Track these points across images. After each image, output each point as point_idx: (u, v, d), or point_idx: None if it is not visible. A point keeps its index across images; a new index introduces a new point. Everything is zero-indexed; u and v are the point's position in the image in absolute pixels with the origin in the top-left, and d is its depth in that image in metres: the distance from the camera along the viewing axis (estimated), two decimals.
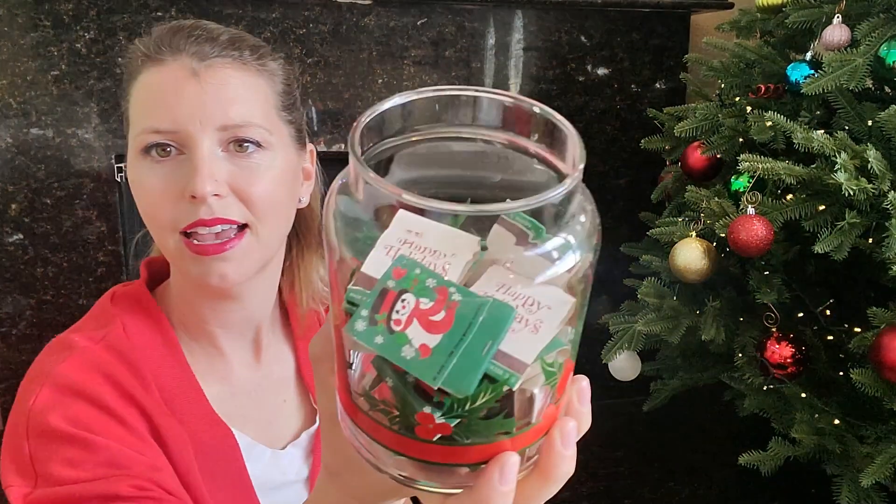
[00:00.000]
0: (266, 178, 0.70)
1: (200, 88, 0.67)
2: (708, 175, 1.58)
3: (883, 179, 1.15)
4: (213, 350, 0.79)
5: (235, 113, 0.68)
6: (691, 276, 1.41)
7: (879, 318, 1.19)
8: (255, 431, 0.79)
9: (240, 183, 0.68)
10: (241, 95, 0.69)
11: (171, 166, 0.68)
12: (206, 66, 0.68)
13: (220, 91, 0.68)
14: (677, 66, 2.12)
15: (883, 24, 1.29)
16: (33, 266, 1.85)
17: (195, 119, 0.67)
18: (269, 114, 0.71)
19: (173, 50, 0.68)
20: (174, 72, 0.68)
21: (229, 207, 0.68)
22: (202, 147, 0.67)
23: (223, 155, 0.68)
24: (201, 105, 0.67)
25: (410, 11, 1.94)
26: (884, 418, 1.27)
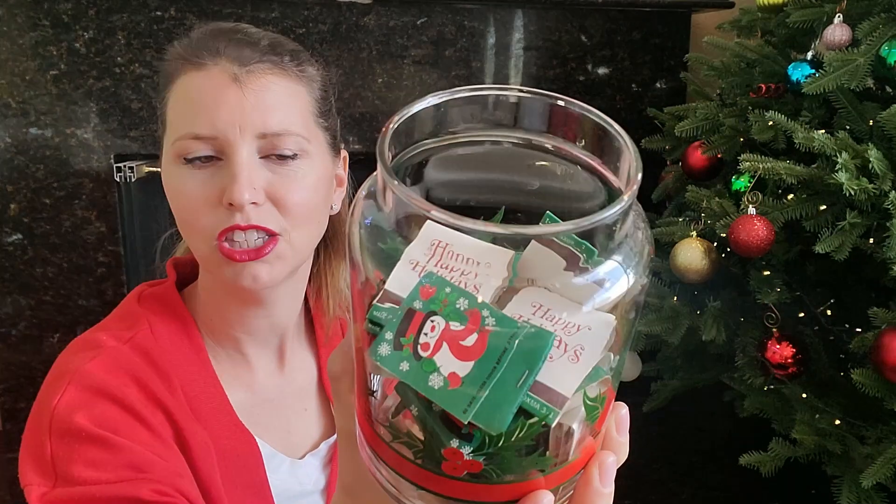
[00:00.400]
0: (302, 186, 0.69)
1: (241, 94, 0.66)
2: (708, 175, 1.58)
3: (884, 179, 1.14)
4: (238, 355, 0.78)
5: (275, 121, 0.68)
6: (692, 276, 1.41)
7: (880, 318, 1.18)
8: (274, 440, 0.79)
9: (277, 191, 0.68)
10: (281, 102, 0.68)
11: (210, 172, 0.68)
12: (247, 71, 0.67)
13: (261, 98, 0.67)
14: (678, 65, 2.12)
15: (884, 24, 1.29)
16: (33, 266, 1.85)
17: (235, 126, 0.66)
18: (307, 121, 0.71)
19: (213, 54, 0.68)
20: (214, 77, 0.67)
21: (265, 215, 0.68)
22: (241, 154, 0.66)
23: (262, 162, 0.68)
24: (241, 111, 0.66)
25: (410, 11, 1.94)
26: (884, 419, 1.27)
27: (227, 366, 0.78)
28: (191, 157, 0.67)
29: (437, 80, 1.99)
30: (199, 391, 0.73)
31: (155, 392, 0.69)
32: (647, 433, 2.06)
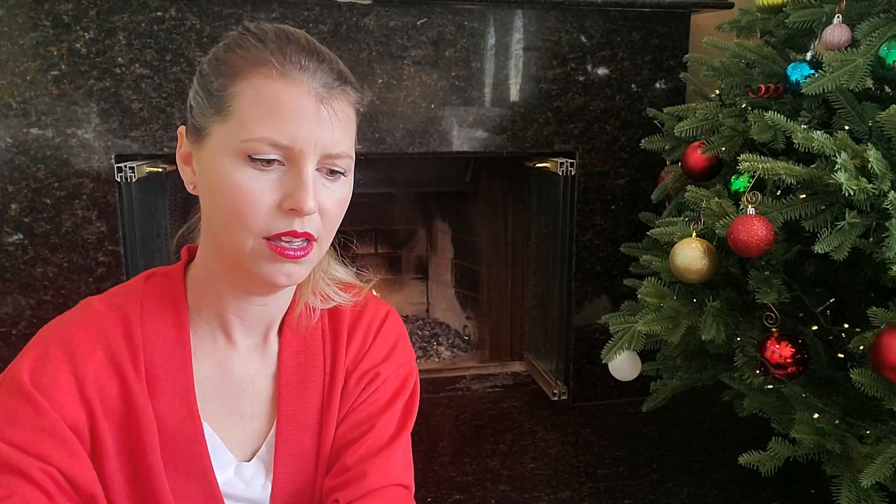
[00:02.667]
0: (340, 200, 0.77)
1: (324, 115, 0.72)
2: (708, 175, 1.58)
3: (883, 179, 1.14)
4: (222, 336, 0.82)
5: (339, 145, 0.74)
6: (691, 276, 1.41)
7: (879, 318, 1.19)
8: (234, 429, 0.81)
9: (325, 203, 0.74)
10: (345, 127, 0.75)
11: (274, 176, 0.71)
12: (331, 95, 0.73)
13: (335, 122, 0.73)
14: (677, 65, 2.12)
15: (883, 24, 1.29)
16: (33, 266, 1.85)
17: (311, 142, 0.71)
18: (353, 145, 0.78)
19: (302, 70, 0.72)
20: (304, 93, 0.71)
21: (313, 223, 0.74)
22: (309, 167, 0.72)
23: (317, 175, 0.74)
24: (320, 130, 0.72)
25: (410, 11, 1.94)
26: (884, 418, 1.27)
27: (208, 343, 0.81)
28: (259, 157, 0.71)
29: (437, 81, 1.99)
30: (165, 372, 0.77)
31: (119, 363, 0.75)
32: (647, 432, 2.07)
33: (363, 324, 0.87)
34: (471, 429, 2.09)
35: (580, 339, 2.24)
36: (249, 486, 0.81)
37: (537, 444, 2.01)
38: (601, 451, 1.97)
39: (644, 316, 1.51)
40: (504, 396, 2.32)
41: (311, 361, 0.84)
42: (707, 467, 1.87)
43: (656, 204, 1.91)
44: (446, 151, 2.05)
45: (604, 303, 2.23)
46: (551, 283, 2.31)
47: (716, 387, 1.85)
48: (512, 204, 2.48)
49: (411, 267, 2.91)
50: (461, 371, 2.46)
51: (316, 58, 0.73)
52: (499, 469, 1.87)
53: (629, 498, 1.73)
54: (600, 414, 2.20)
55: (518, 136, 2.08)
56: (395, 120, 1.99)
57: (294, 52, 0.72)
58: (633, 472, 1.85)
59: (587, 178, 2.15)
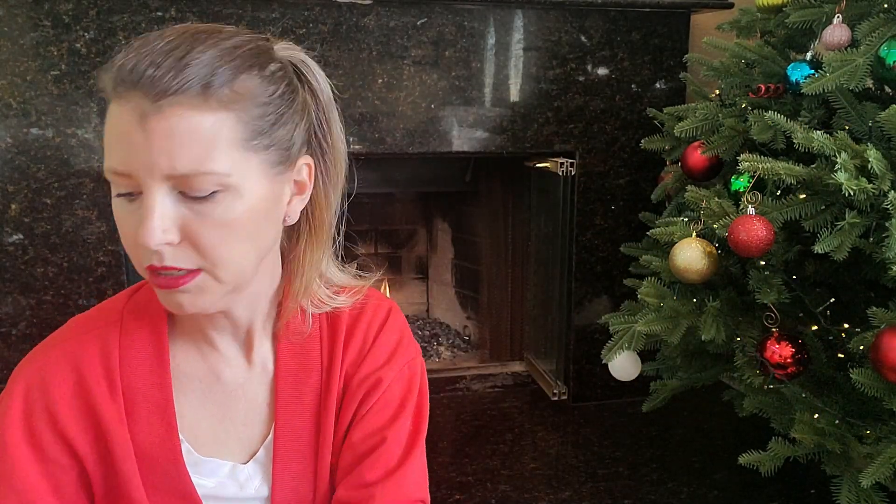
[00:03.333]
0: (221, 224, 0.65)
1: (146, 136, 0.62)
2: (708, 175, 1.58)
3: (883, 179, 1.14)
4: (208, 347, 0.80)
5: (183, 164, 0.62)
6: (691, 276, 1.41)
7: (879, 318, 1.19)
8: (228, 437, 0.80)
9: (192, 230, 0.65)
10: (193, 141, 0.62)
11: (132, 208, 0.65)
12: (157, 108, 0.61)
13: (167, 140, 0.62)
14: (677, 65, 2.12)
15: (883, 24, 1.29)
16: (33, 266, 1.85)
17: (145, 167, 0.62)
18: (230, 153, 0.64)
19: (129, 85, 0.62)
20: (126, 113, 0.62)
21: (181, 255, 0.66)
22: (152, 196, 0.63)
23: (178, 198, 0.64)
24: (147, 153, 0.62)
25: (410, 11, 1.94)
26: (883, 418, 1.27)
27: (195, 353, 0.80)
28: (116, 191, 0.66)
29: (438, 81, 1.99)
30: (143, 393, 0.76)
31: (90, 389, 0.75)
32: (647, 432, 2.07)
33: (362, 325, 0.83)
34: (471, 429, 2.09)
35: (580, 339, 2.24)
36: (244, 488, 0.80)
37: (537, 444, 2.01)
38: (601, 451, 1.97)
39: (644, 316, 1.51)
40: (504, 396, 2.32)
41: (308, 365, 0.82)
42: (707, 467, 1.87)
43: (656, 204, 1.91)
44: (446, 151, 2.05)
45: (604, 303, 2.23)
46: (551, 283, 2.31)
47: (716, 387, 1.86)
48: (512, 204, 2.48)
49: (411, 267, 2.91)
50: (461, 371, 2.46)
51: (155, 62, 0.62)
52: (499, 469, 1.87)
53: (629, 498, 1.73)
54: (600, 414, 2.20)
55: (518, 136, 2.08)
56: (395, 120, 1.99)
57: (127, 63, 0.63)
58: (634, 472, 1.85)
59: (587, 178, 2.15)
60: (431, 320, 2.90)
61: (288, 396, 0.81)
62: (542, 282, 2.39)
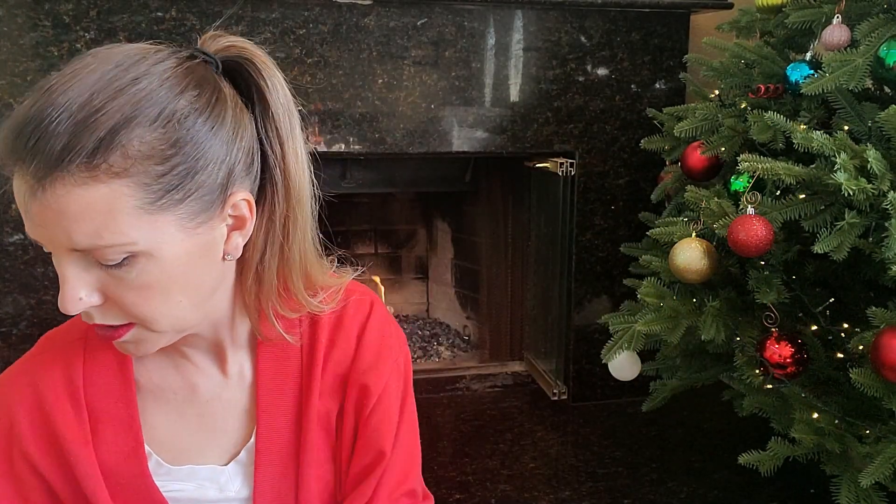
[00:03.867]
0: (140, 287, 0.62)
1: (41, 211, 0.58)
2: (708, 175, 1.58)
3: (882, 179, 1.15)
4: (182, 359, 0.80)
5: (80, 238, 0.59)
6: (691, 276, 1.41)
7: (879, 317, 1.19)
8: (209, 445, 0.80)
9: (112, 293, 0.63)
10: (84, 216, 0.58)
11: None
12: (43, 186, 0.57)
13: (62, 218, 0.58)
14: (677, 66, 2.12)
15: (883, 25, 1.29)
16: (33, 266, 1.85)
17: (45, 240, 0.61)
18: (131, 221, 0.59)
19: (13, 157, 0.58)
20: (18, 185, 0.59)
21: (108, 313, 0.64)
22: (63, 266, 0.61)
23: (92, 262, 0.62)
24: (46, 229, 0.59)
25: (410, 11, 1.94)
26: (883, 418, 1.27)
27: (170, 366, 0.79)
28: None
29: (438, 81, 1.99)
30: (108, 410, 0.76)
31: (51, 408, 0.74)
32: (647, 432, 2.07)
33: (345, 324, 0.81)
34: (471, 428, 2.09)
35: (580, 338, 2.24)
36: (224, 489, 0.80)
37: (537, 443, 2.01)
38: (601, 450, 1.97)
39: (644, 316, 1.51)
40: (504, 396, 2.32)
41: (287, 368, 0.81)
42: (707, 467, 1.87)
43: (656, 204, 1.91)
44: (446, 151, 2.05)
45: (603, 303, 2.24)
46: (551, 283, 2.31)
47: (715, 386, 1.86)
48: (512, 204, 2.48)
49: (411, 267, 2.91)
50: (461, 371, 2.46)
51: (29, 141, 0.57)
52: (499, 469, 1.87)
53: (629, 497, 1.73)
54: (600, 414, 2.20)
55: (518, 136, 2.08)
56: (395, 120, 1.99)
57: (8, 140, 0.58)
58: (633, 471, 1.86)
59: (587, 178, 2.15)
60: (431, 320, 2.90)
61: (268, 400, 0.81)
62: (542, 282, 2.39)
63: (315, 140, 1.95)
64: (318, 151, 1.96)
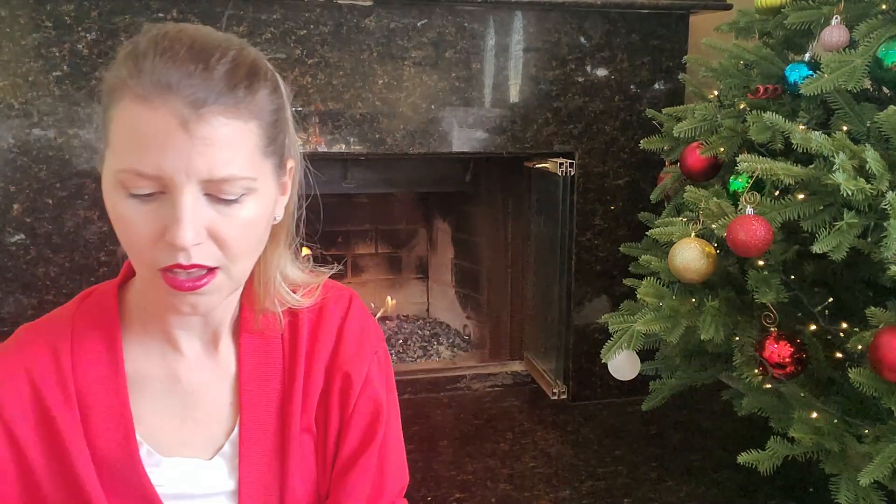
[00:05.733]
0: (245, 224, 0.69)
1: (189, 142, 0.63)
2: (707, 175, 1.59)
3: (881, 180, 1.15)
4: (168, 346, 0.80)
5: (221, 169, 0.64)
6: (690, 276, 1.41)
7: (878, 317, 1.19)
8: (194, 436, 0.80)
9: (219, 230, 0.67)
10: (229, 148, 0.65)
11: (154, 207, 0.66)
12: (198, 116, 0.63)
13: (209, 146, 0.63)
14: (676, 66, 2.13)
15: (881, 25, 1.30)
16: (35, 266, 1.86)
17: (180, 171, 0.63)
18: (253, 160, 0.68)
19: (163, 90, 0.62)
20: (163, 116, 0.62)
21: (205, 253, 0.67)
22: (185, 198, 0.64)
23: (205, 200, 0.66)
24: (188, 158, 0.63)
25: (411, 12, 1.95)
26: (882, 417, 1.28)
27: (155, 356, 0.80)
28: (134, 192, 0.65)
29: (438, 82, 2.00)
30: (98, 399, 0.76)
31: (43, 395, 0.75)
32: (646, 432, 2.07)
33: (326, 319, 0.84)
34: (471, 428, 2.10)
35: (580, 338, 2.25)
36: (209, 483, 0.80)
37: (537, 443, 2.01)
38: (601, 450, 1.97)
39: (643, 315, 1.51)
40: (504, 396, 2.32)
41: (269, 362, 0.82)
42: (706, 466, 1.88)
43: (655, 204, 1.92)
44: (446, 152, 2.05)
45: (603, 302, 2.24)
46: (551, 282, 2.31)
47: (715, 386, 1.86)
48: (512, 204, 2.48)
49: (411, 267, 2.91)
50: (461, 370, 2.46)
51: (182, 70, 0.63)
52: (499, 468, 1.87)
53: (629, 497, 1.74)
54: (600, 413, 2.20)
55: (518, 136, 2.09)
56: (395, 120, 2.00)
57: (152, 69, 0.63)
58: (633, 470, 1.86)
59: (586, 178, 2.16)
60: (431, 320, 2.90)
61: (251, 392, 0.81)
62: (542, 281, 2.39)
63: (316, 140, 1.96)
64: (318, 152, 1.96)
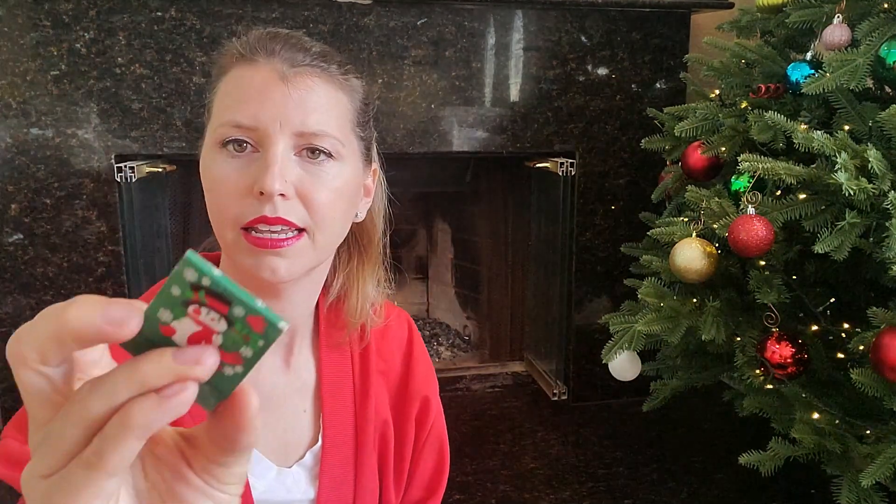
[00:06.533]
0: (331, 187, 0.72)
1: (287, 92, 0.69)
2: (708, 175, 1.58)
3: (883, 179, 1.14)
4: None
5: (314, 121, 0.70)
6: (691, 276, 1.41)
7: (879, 317, 1.19)
8: (268, 441, 0.81)
9: (306, 187, 0.70)
10: (322, 105, 0.71)
11: (245, 161, 0.69)
12: (295, 72, 0.70)
13: (304, 98, 0.70)
14: (677, 65, 2.12)
15: (883, 24, 1.29)
16: (33, 266, 1.85)
17: (276, 120, 0.68)
18: (344, 127, 0.73)
19: (267, 53, 0.70)
20: (264, 72, 0.69)
21: (292, 209, 0.69)
22: (277, 147, 0.68)
23: (295, 159, 0.70)
24: (284, 108, 0.69)
25: (410, 11, 1.94)
26: (884, 418, 1.27)
27: None
28: (227, 140, 0.69)
29: (438, 81, 1.99)
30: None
31: None
32: (647, 432, 2.07)
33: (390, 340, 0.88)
34: (471, 429, 2.09)
35: (580, 339, 2.24)
36: (290, 491, 0.81)
37: (537, 444, 2.01)
38: (601, 451, 1.97)
39: (644, 316, 1.51)
40: (504, 396, 2.32)
41: (344, 378, 0.85)
42: (707, 467, 1.87)
43: (656, 204, 1.91)
44: (446, 151, 2.05)
45: (604, 303, 2.23)
46: (551, 282, 2.31)
47: (716, 387, 1.85)
48: (512, 204, 2.48)
49: (411, 267, 2.91)
50: (461, 371, 2.46)
51: (284, 41, 0.72)
52: (499, 469, 1.87)
53: (629, 498, 1.73)
54: (600, 414, 2.20)
55: (518, 136, 2.08)
56: (395, 120, 1.99)
57: (264, 40, 0.71)
58: (634, 472, 1.85)
59: (587, 178, 2.15)
60: (431, 320, 2.90)
61: (333, 406, 0.83)
62: (542, 282, 2.39)
63: None
64: None
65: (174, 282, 0.32)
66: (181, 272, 0.32)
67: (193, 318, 0.32)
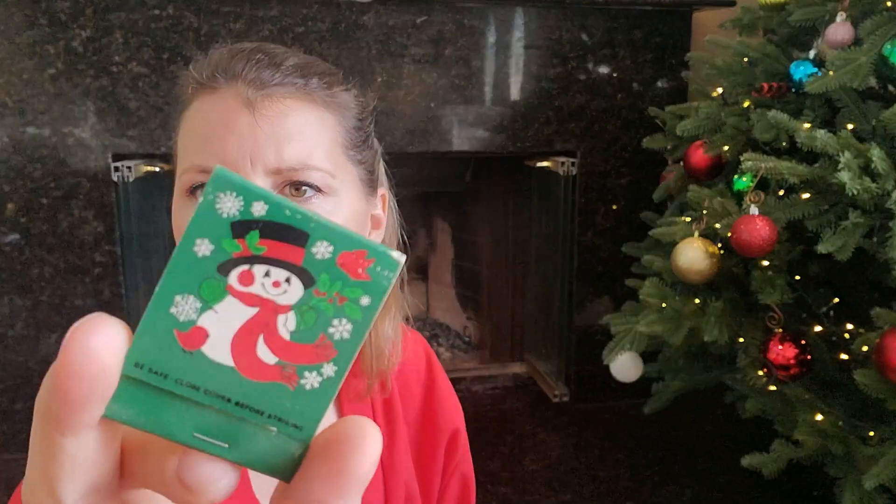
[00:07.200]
0: None
1: (253, 122, 0.58)
2: (710, 174, 1.57)
3: (887, 179, 1.13)
4: None
5: (291, 153, 0.59)
6: (693, 276, 1.40)
7: (883, 318, 1.18)
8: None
9: None
10: (301, 132, 0.60)
11: None
12: (263, 95, 0.59)
13: (276, 126, 0.59)
14: (679, 64, 2.11)
15: (887, 23, 1.28)
16: (30, 266, 1.84)
17: (245, 157, 0.58)
18: (334, 153, 0.62)
19: (228, 76, 0.60)
20: (226, 101, 0.59)
21: None
22: None
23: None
24: (253, 142, 0.58)
25: (410, 9, 1.93)
26: (887, 420, 1.26)
27: None
28: (195, 186, 0.60)
29: (437, 79, 1.98)
30: None
31: None
32: (649, 434, 2.05)
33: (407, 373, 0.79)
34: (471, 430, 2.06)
35: (581, 340, 2.23)
36: None
37: (538, 445, 2.00)
38: (603, 453, 1.96)
39: (646, 317, 1.50)
40: (505, 398, 2.31)
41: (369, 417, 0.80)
42: (709, 469, 1.86)
43: (658, 203, 1.90)
44: (446, 151, 2.04)
45: (605, 303, 2.22)
46: (552, 283, 2.30)
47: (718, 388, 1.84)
48: (512, 204, 2.47)
49: (411, 267, 2.90)
50: (462, 372, 2.44)
51: (247, 58, 0.60)
52: (499, 471, 1.86)
53: (631, 500, 1.72)
54: (602, 416, 2.19)
55: (519, 135, 2.07)
56: (394, 119, 1.98)
57: (224, 60, 0.60)
58: (635, 474, 1.84)
59: (588, 177, 2.14)
60: (431, 321, 2.89)
61: None
62: (543, 282, 2.38)
63: None
64: None
65: (199, 232, 0.20)
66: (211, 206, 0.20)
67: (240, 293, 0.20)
